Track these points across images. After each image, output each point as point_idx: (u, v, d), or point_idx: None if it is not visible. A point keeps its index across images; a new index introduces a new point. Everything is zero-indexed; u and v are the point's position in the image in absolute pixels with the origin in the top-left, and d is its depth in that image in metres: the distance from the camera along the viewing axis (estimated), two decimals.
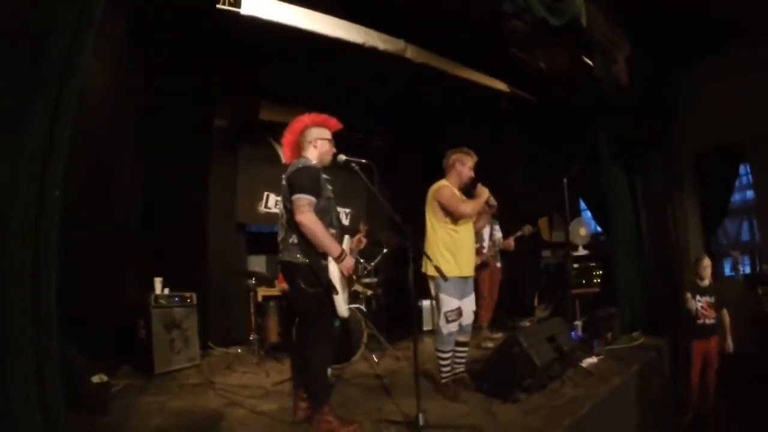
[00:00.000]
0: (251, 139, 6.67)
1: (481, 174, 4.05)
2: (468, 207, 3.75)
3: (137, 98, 5.08)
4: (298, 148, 3.23)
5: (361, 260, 5.55)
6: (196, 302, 5.10)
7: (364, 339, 4.88)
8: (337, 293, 2.92)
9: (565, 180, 5.19)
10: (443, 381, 3.77)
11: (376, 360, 4.96)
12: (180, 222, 5.69)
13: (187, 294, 5.03)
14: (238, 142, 6.63)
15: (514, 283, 7.17)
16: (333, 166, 3.25)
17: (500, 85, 6.57)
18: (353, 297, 5.31)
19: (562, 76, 6.26)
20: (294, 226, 2.92)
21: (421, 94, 6.66)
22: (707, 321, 4.80)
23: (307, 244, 2.92)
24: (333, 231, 3.05)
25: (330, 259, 2.94)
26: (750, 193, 7.41)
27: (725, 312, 4.78)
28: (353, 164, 3.28)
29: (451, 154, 3.98)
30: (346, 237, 3.26)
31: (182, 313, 4.90)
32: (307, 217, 2.84)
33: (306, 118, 3.22)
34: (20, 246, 1.80)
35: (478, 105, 6.91)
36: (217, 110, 6.39)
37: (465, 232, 3.80)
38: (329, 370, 3.12)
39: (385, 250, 5.77)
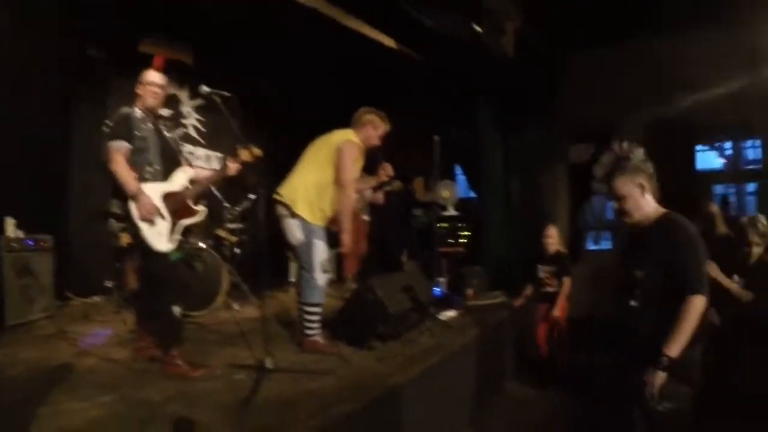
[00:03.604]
0: (126, 73, 6.12)
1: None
2: (352, 191, 3.56)
3: None
4: None
5: (226, 204, 5.31)
6: (53, 247, 4.63)
7: (225, 286, 4.75)
8: (140, 230, 2.96)
9: (436, 138, 5.32)
10: (313, 337, 3.52)
11: (237, 308, 4.89)
12: (37, 157, 5.02)
13: (43, 237, 4.53)
14: (111, 76, 6.03)
15: (384, 238, 7.22)
16: (204, 107, 3.20)
17: (388, 41, 6.52)
18: (216, 244, 5.13)
19: (449, 38, 6.35)
20: None
21: (305, 42, 6.40)
22: (549, 289, 4.95)
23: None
24: (150, 169, 3.07)
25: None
26: None
27: (566, 280, 4.89)
28: (215, 96, 3.19)
29: (367, 112, 3.72)
30: (184, 168, 3.28)
31: (36, 259, 4.41)
32: (113, 163, 2.94)
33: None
34: None
35: (359, 58, 6.83)
36: (92, 40, 5.76)
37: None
38: (177, 311, 3.06)
39: (251, 195, 5.46)
